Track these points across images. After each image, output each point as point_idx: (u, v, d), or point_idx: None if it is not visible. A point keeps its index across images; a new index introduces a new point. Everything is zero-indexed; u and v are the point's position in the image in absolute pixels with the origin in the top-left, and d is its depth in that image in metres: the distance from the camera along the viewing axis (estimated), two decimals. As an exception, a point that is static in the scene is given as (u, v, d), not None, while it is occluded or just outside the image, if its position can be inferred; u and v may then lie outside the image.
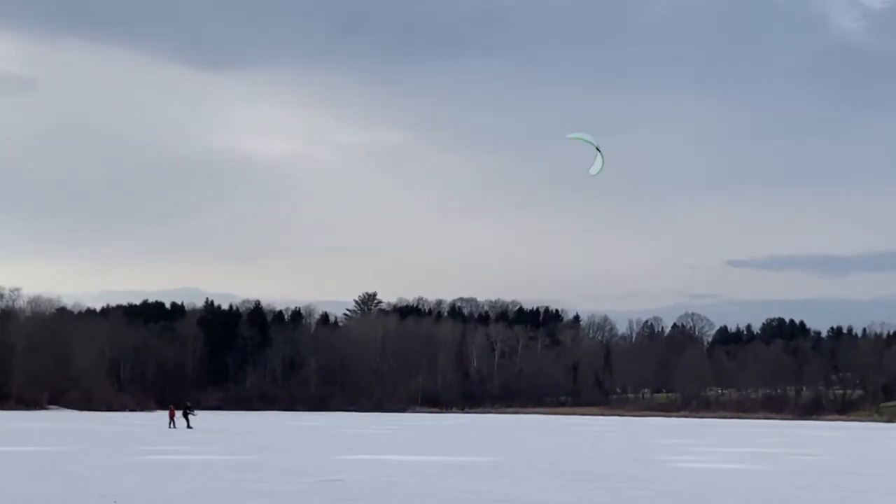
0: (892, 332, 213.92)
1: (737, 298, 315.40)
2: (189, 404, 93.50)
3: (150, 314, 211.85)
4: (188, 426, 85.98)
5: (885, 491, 33.67)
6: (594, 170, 38.57)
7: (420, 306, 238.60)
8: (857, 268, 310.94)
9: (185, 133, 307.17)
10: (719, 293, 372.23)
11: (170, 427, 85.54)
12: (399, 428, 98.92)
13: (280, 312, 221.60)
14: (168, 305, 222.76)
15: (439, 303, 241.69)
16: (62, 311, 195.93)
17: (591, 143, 38.43)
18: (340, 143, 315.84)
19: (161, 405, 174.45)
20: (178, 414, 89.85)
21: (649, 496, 30.22)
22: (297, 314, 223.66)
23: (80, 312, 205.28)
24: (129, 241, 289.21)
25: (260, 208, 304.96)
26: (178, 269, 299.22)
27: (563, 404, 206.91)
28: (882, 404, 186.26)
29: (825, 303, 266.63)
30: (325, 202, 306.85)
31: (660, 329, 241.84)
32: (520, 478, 36.21)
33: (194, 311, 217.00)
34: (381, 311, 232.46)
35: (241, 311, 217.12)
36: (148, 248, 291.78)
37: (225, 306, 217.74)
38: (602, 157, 38.09)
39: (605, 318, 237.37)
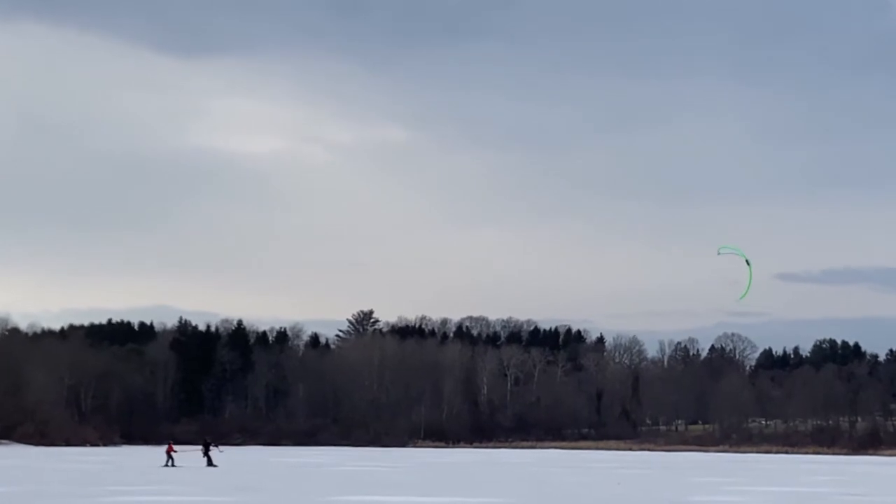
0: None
1: (787, 317, 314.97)
2: (209, 440, 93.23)
3: (116, 336, 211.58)
4: (210, 464, 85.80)
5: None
6: (741, 295, 39.93)
7: (423, 326, 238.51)
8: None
9: (157, 129, 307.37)
10: (766, 311, 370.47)
11: (167, 466, 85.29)
12: (399, 465, 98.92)
13: (264, 333, 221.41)
14: (136, 326, 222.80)
15: (444, 322, 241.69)
16: (14, 333, 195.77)
17: (744, 258, 39.51)
18: (335, 141, 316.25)
19: (127, 439, 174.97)
20: (178, 449, 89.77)
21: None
22: (282, 335, 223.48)
23: (35, 333, 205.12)
24: (93, 252, 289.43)
25: (242, 215, 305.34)
26: (148, 285, 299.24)
27: (585, 438, 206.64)
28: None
29: (885, 321, 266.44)
30: (316, 208, 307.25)
31: (695, 352, 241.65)
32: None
33: (166, 331, 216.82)
34: (379, 331, 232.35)
35: (219, 331, 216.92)
36: (114, 261, 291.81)
37: (201, 326, 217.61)
38: (750, 277, 39.09)
39: (634, 340, 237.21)
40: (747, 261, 39.96)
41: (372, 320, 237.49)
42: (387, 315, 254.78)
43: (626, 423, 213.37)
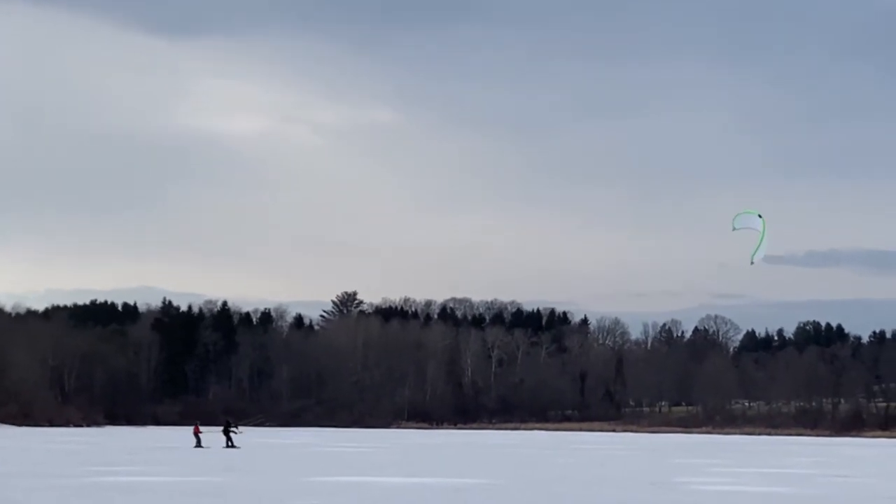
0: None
1: (770, 299, 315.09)
2: (230, 420, 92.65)
3: (100, 316, 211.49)
4: (230, 445, 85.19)
5: (933, 517, 33.69)
6: (758, 255, 39.66)
7: (406, 308, 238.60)
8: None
9: (143, 110, 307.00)
10: (750, 293, 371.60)
11: (196, 447, 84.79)
12: (383, 446, 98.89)
13: (248, 314, 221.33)
14: (120, 307, 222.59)
15: (428, 304, 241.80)
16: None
17: (757, 214, 39.26)
18: (319, 123, 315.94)
19: (110, 420, 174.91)
20: (206, 431, 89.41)
21: (665, 523, 30.21)
22: (266, 316, 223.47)
23: (18, 314, 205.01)
24: (79, 233, 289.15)
25: (226, 196, 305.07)
26: (133, 266, 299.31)
27: (569, 419, 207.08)
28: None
29: (868, 303, 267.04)
30: (300, 189, 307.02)
31: (679, 334, 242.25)
32: (518, 503, 36.18)
33: (150, 312, 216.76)
34: (363, 313, 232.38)
35: (203, 312, 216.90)
36: (100, 242, 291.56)
37: (184, 307, 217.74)
38: (763, 234, 38.75)
39: (617, 322, 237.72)
40: (759, 215, 39.74)
41: (356, 301, 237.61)
42: (371, 296, 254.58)
43: (609, 405, 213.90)
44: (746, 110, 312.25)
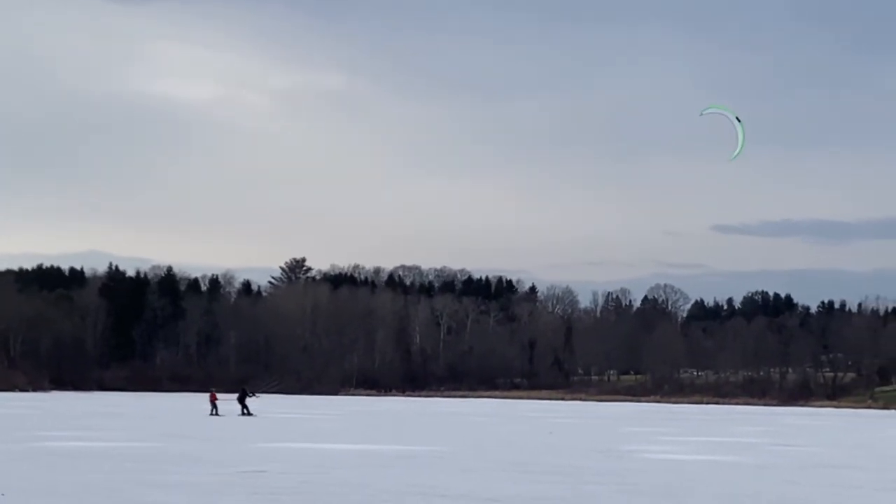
0: (890, 309, 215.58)
1: (722, 269, 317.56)
2: (246, 388, 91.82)
3: (46, 281, 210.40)
4: (245, 413, 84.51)
5: (879, 486, 33.91)
6: (734, 153, 39.50)
7: (355, 275, 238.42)
8: (860, 235, 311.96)
9: (93, 73, 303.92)
10: (702, 262, 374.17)
11: (211, 415, 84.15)
12: (331, 413, 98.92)
13: (195, 280, 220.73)
14: (66, 271, 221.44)
15: (377, 271, 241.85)
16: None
17: (733, 115, 38.93)
18: (274, 87, 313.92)
19: (56, 385, 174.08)
20: (223, 398, 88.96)
21: (613, 491, 30.27)
22: (214, 282, 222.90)
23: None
24: (24, 196, 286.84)
25: (176, 161, 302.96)
26: (80, 230, 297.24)
27: (517, 387, 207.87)
28: (877, 389, 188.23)
29: (818, 274, 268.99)
30: (250, 155, 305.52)
31: (628, 303, 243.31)
32: (468, 470, 36.21)
33: (96, 277, 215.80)
34: (311, 279, 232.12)
35: (149, 278, 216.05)
36: (46, 205, 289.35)
37: (131, 272, 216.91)
38: (742, 136, 38.43)
39: (567, 290, 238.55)
40: (738, 118, 39.50)
41: (304, 268, 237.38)
42: (319, 263, 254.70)
43: (558, 373, 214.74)
44: (702, 78, 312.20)
